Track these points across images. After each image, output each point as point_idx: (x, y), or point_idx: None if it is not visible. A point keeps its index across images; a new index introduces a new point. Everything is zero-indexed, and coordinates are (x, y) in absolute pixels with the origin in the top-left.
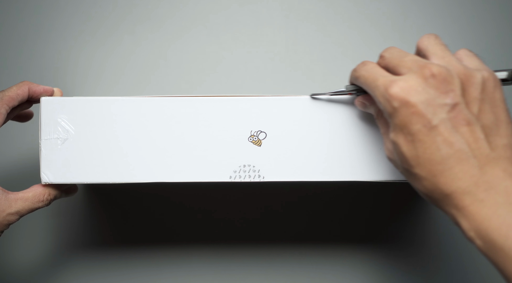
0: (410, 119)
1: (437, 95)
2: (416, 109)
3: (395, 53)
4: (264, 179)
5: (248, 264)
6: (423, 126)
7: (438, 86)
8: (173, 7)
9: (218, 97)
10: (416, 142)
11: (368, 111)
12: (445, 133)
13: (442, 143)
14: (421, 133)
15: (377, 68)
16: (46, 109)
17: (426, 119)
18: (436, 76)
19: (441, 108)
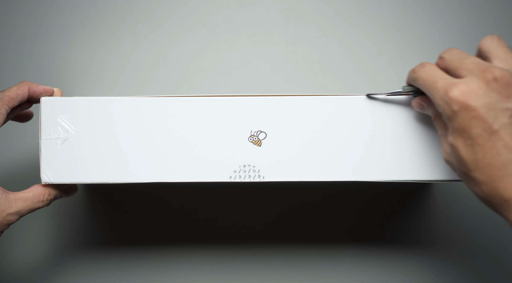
0: (470, 123)
1: (499, 100)
2: (476, 113)
3: (455, 55)
4: (264, 179)
5: (248, 264)
6: (484, 131)
7: (500, 90)
8: (173, 7)
9: (218, 97)
10: (475, 146)
11: (426, 113)
12: (507, 138)
13: (503, 148)
14: (481, 137)
15: (437, 70)
16: (46, 109)
17: (487, 123)
18: (498, 80)
19: (503, 113)
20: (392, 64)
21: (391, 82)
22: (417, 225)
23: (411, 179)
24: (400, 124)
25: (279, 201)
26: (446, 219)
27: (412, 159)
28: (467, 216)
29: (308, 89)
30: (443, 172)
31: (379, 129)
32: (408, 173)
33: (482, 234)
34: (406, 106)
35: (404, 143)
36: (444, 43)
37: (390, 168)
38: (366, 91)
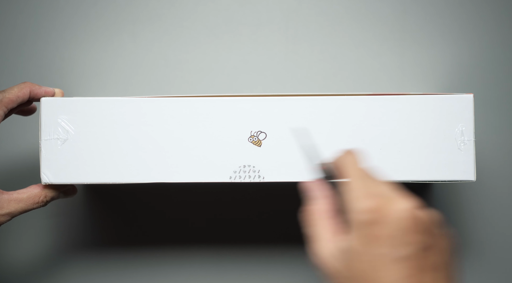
0: (377, 240)
1: (412, 230)
2: (386, 234)
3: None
4: (264, 179)
5: (248, 264)
6: (388, 254)
7: (415, 222)
8: (173, 7)
9: (218, 97)
10: (374, 265)
11: (314, 197)
12: (406, 271)
13: (401, 280)
14: (383, 260)
15: (361, 165)
16: (46, 110)
17: (393, 249)
18: (413, 211)
19: (412, 245)
20: (392, 64)
21: (391, 82)
22: None
23: (411, 179)
24: (400, 124)
25: (279, 201)
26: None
27: (412, 159)
28: (467, 216)
29: (308, 89)
30: (443, 172)
31: (379, 130)
32: (408, 173)
33: (482, 234)
34: (406, 107)
35: (404, 143)
36: (444, 43)
37: (390, 168)
38: (366, 91)
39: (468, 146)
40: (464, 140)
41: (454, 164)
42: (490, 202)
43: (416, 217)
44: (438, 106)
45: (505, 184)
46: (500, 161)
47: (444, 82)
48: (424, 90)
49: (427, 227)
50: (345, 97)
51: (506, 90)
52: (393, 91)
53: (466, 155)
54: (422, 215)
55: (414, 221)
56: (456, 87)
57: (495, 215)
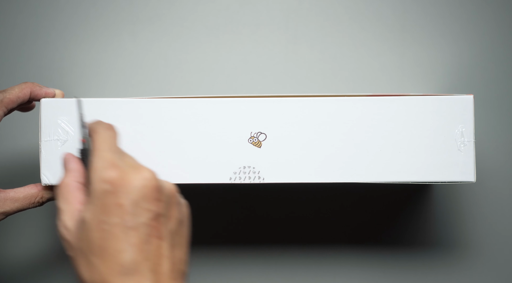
0: (113, 209)
1: (146, 199)
2: (122, 203)
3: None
4: (264, 180)
5: (248, 265)
6: (122, 222)
7: (151, 191)
8: (173, 7)
9: (217, 98)
10: (109, 234)
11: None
12: (138, 239)
13: (131, 247)
14: (117, 228)
15: (115, 141)
16: (46, 111)
17: (127, 216)
18: (149, 181)
19: (145, 213)
20: (392, 64)
21: (391, 83)
22: (417, 226)
23: (411, 180)
24: (400, 125)
25: (278, 202)
26: (446, 220)
27: (412, 160)
28: (467, 217)
29: (308, 90)
30: (443, 173)
31: (378, 131)
32: (408, 174)
33: (482, 234)
34: (405, 108)
35: (404, 144)
36: (444, 43)
37: (390, 169)
38: (366, 92)
39: (468, 147)
40: (464, 141)
41: (454, 165)
42: (490, 202)
43: (151, 186)
44: (438, 107)
45: (505, 185)
46: (500, 161)
47: (444, 83)
48: (424, 90)
49: (161, 197)
50: (344, 98)
51: (506, 91)
52: (393, 91)
53: (466, 156)
54: (157, 185)
55: (148, 190)
56: (456, 88)
57: (495, 215)
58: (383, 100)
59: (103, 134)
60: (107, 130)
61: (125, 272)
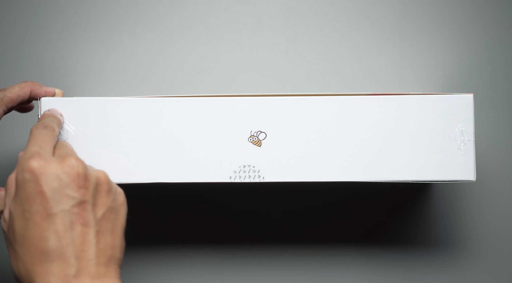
0: (34, 197)
1: (70, 187)
2: (43, 191)
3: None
4: (264, 179)
5: (248, 265)
6: (44, 210)
7: (74, 178)
8: (173, 7)
9: (217, 97)
10: (30, 222)
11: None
12: (60, 226)
13: (53, 234)
14: (39, 216)
15: (48, 137)
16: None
17: (49, 204)
18: (74, 169)
19: (67, 200)
20: (392, 64)
21: (391, 82)
22: (417, 225)
23: (411, 179)
24: (400, 124)
25: (279, 202)
26: (446, 219)
27: (412, 159)
28: (467, 216)
29: (308, 89)
30: (443, 172)
31: (379, 130)
32: (408, 173)
33: (482, 234)
34: (405, 107)
35: (404, 143)
36: (444, 43)
37: (390, 168)
38: (366, 91)
39: (468, 146)
40: (464, 140)
41: (454, 164)
42: (490, 202)
43: (74, 174)
44: (438, 106)
45: (505, 184)
46: (500, 161)
47: (444, 82)
48: (424, 90)
49: (86, 184)
50: (345, 97)
51: (506, 90)
52: (393, 91)
53: (466, 155)
54: (81, 172)
55: (71, 178)
56: (456, 87)
57: (495, 215)
58: (383, 99)
59: (34, 133)
60: (39, 129)
61: (47, 259)
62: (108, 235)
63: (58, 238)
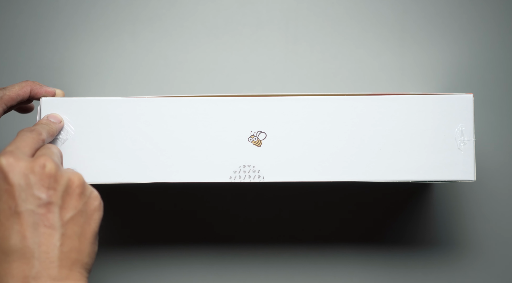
0: (0, 194)
1: (37, 186)
2: (10, 189)
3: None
4: (264, 179)
5: (248, 265)
6: (9, 208)
7: (43, 178)
8: (173, 7)
9: (217, 97)
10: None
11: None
12: (24, 225)
13: (16, 233)
14: (4, 214)
15: (30, 140)
16: (46, 110)
17: (14, 202)
18: (45, 169)
19: (34, 200)
20: (392, 64)
21: (391, 82)
22: (417, 225)
23: (411, 179)
24: (400, 124)
25: (279, 201)
26: (446, 219)
27: (412, 159)
28: (467, 216)
29: (308, 89)
30: (443, 172)
31: (379, 130)
32: (408, 173)
33: (482, 234)
34: (405, 107)
35: (404, 143)
36: (444, 43)
37: (390, 168)
38: (366, 91)
39: (468, 146)
40: (464, 140)
41: (454, 164)
42: (490, 202)
43: (43, 174)
44: (438, 106)
45: (505, 184)
46: (500, 160)
47: (444, 82)
48: (424, 90)
49: (55, 185)
50: (345, 97)
51: (506, 90)
52: (393, 91)
53: (466, 155)
54: (51, 173)
55: (40, 177)
56: (456, 87)
57: (495, 215)
58: (383, 99)
59: (18, 135)
60: (23, 132)
61: (7, 259)
62: (75, 238)
63: (20, 238)
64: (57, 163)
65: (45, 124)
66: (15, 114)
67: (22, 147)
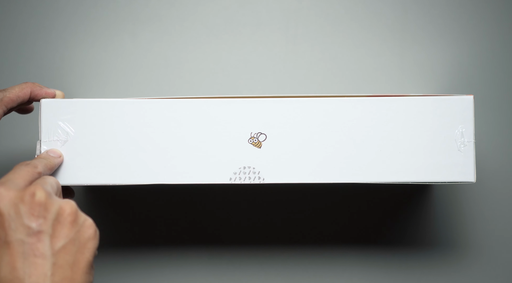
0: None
1: (27, 215)
2: (0, 219)
3: (40, 164)
4: (264, 181)
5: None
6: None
7: (33, 207)
8: (173, 7)
9: (218, 99)
10: None
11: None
12: (14, 255)
13: (6, 264)
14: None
15: (26, 172)
16: (46, 112)
17: (4, 232)
18: (35, 197)
19: (24, 229)
20: (392, 64)
21: (391, 83)
22: (417, 226)
23: (411, 181)
24: (400, 126)
25: (279, 203)
26: (446, 221)
27: (412, 161)
28: (467, 217)
29: (308, 90)
30: (443, 173)
31: (378, 131)
32: (408, 175)
33: (482, 235)
34: (405, 108)
35: (404, 144)
36: (444, 43)
37: (390, 169)
38: (366, 92)
39: (468, 147)
40: (464, 142)
41: (454, 165)
42: (490, 203)
43: (33, 202)
44: (438, 108)
45: (505, 185)
46: (500, 162)
47: (444, 83)
48: (424, 90)
49: (45, 214)
50: (345, 99)
51: (506, 91)
52: (393, 91)
53: (466, 156)
54: (42, 202)
55: (30, 206)
56: (456, 88)
57: (495, 216)
58: (383, 101)
59: (13, 169)
60: (19, 165)
61: None
62: (67, 268)
63: (10, 269)
64: (48, 191)
65: (43, 158)
66: (15, 115)
67: (14, 179)
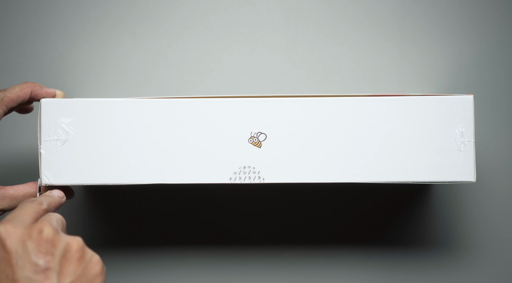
0: (3, 263)
1: (34, 252)
2: (8, 257)
3: (45, 202)
4: (264, 180)
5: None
6: (5, 277)
7: (40, 244)
8: (173, 7)
9: (218, 98)
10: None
11: None
12: None
13: None
14: (6, 281)
15: (32, 209)
16: (46, 111)
17: (11, 270)
18: (42, 234)
19: (31, 267)
20: (392, 64)
21: (391, 83)
22: (417, 226)
23: (411, 180)
24: (400, 125)
25: (279, 203)
26: (446, 220)
27: (412, 160)
28: (467, 217)
29: (308, 90)
30: (443, 173)
31: (378, 131)
32: (408, 174)
33: (482, 234)
34: (405, 108)
35: (404, 144)
36: (444, 43)
37: (390, 169)
38: (366, 92)
39: (468, 147)
40: (464, 142)
41: (454, 165)
42: (490, 202)
43: (40, 239)
44: (438, 107)
45: (505, 185)
46: (500, 161)
47: (444, 83)
48: (424, 90)
49: (53, 250)
50: (345, 98)
51: (506, 91)
52: (393, 91)
53: (466, 156)
54: (49, 238)
55: (37, 243)
56: (456, 88)
57: (495, 216)
58: (383, 101)
59: (19, 206)
60: (24, 202)
61: None
62: None
63: None
64: (55, 228)
65: (48, 196)
66: (15, 115)
67: (21, 216)
